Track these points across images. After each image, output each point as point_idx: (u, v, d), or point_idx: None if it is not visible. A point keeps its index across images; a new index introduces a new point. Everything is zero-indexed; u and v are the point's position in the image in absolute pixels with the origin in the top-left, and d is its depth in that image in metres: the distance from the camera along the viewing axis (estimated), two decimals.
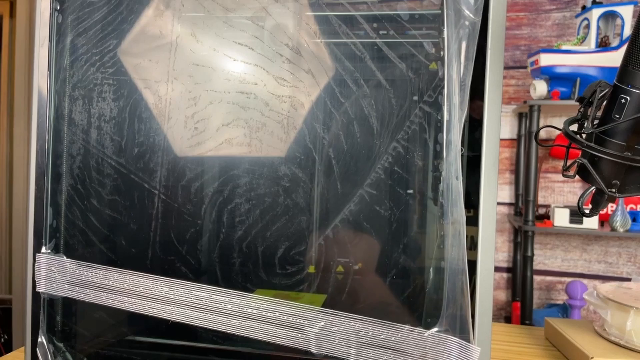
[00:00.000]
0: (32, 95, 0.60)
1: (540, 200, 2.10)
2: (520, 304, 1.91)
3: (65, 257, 0.60)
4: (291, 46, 0.56)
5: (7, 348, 2.34)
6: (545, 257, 2.11)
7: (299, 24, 0.56)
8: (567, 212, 1.82)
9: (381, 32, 0.55)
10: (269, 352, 0.58)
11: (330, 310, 0.52)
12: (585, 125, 0.50)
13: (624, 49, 0.49)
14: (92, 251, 0.62)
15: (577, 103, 0.52)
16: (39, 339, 0.60)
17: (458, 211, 0.48)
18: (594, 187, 0.51)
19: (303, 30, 0.56)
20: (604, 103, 0.49)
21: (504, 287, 2.17)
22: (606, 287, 0.80)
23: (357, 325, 0.52)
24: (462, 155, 0.49)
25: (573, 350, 0.74)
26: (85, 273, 0.59)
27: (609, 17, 1.80)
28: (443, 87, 0.49)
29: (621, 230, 1.78)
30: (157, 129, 0.60)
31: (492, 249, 0.51)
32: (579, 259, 2.08)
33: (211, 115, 0.58)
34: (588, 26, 1.79)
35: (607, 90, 0.49)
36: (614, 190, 0.49)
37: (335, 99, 0.56)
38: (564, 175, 0.51)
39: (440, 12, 0.51)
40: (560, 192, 2.10)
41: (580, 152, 0.50)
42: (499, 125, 0.51)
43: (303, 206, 0.57)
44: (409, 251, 0.55)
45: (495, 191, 0.51)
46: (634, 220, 1.80)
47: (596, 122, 0.50)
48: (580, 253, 2.08)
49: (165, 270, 0.59)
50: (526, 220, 1.82)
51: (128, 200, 0.61)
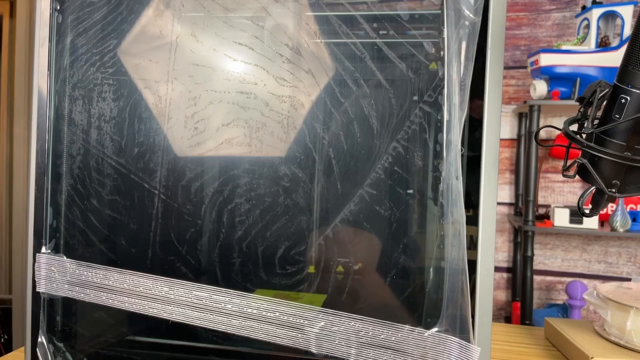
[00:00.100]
0: (32, 95, 0.60)
1: (540, 200, 2.10)
2: (520, 304, 1.91)
3: (65, 257, 0.60)
4: (291, 46, 0.56)
5: (7, 348, 2.34)
6: (545, 257, 2.11)
7: (299, 24, 0.56)
8: (567, 212, 1.82)
9: (381, 32, 0.55)
10: (269, 352, 0.58)
11: (330, 310, 0.52)
12: (585, 125, 0.50)
13: (624, 49, 0.49)
14: (92, 251, 0.62)
15: (577, 103, 0.52)
16: (39, 339, 0.60)
17: (458, 211, 0.48)
18: (594, 187, 0.51)
19: (303, 30, 0.56)
20: (604, 103, 0.49)
21: (504, 287, 2.17)
22: (606, 287, 0.80)
23: (357, 325, 0.52)
24: (462, 155, 0.49)
25: (573, 350, 0.74)
26: (85, 273, 0.59)
27: (609, 17, 1.80)
28: (443, 87, 0.49)
29: (621, 230, 1.78)
30: (157, 129, 0.60)
31: (492, 249, 0.51)
32: (579, 259, 2.08)
33: (211, 115, 0.58)
34: (588, 26, 1.79)
35: (607, 90, 0.49)
36: (614, 190, 0.49)
37: (335, 99, 0.56)
38: (564, 175, 0.51)
39: (440, 12, 0.51)
40: (560, 192, 2.10)
41: (580, 152, 0.50)
42: (499, 125, 0.51)
43: (303, 206, 0.57)
44: (409, 251, 0.55)
45: (495, 191, 0.51)
46: (634, 220, 1.80)
47: (596, 122, 0.50)
48: (580, 253, 2.08)
49: (165, 270, 0.59)
50: (526, 220, 1.82)
51: (128, 200, 0.61)
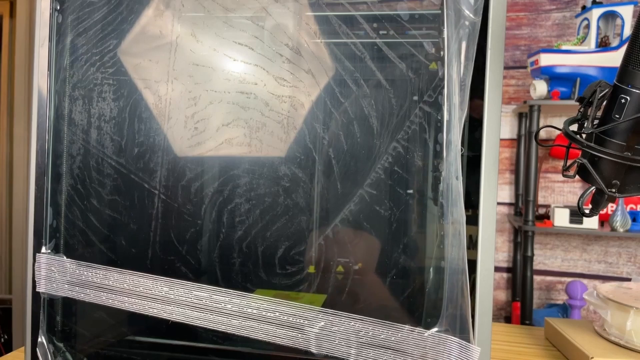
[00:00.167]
0: (32, 95, 0.60)
1: (540, 200, 2.10)
2: (520, 304, 1.91)
3: (65, 257, 0.60)
4: (291, 46, 0.56)
5: (7, 348, 2.34)
6: (545, 257, 2.11)
7: (299, 24, 0.56)
8: (567, 212, 1.82)
9: (381, 32, 0.55)
10: (269, 352, 0.58)
11: (330, 310, 0.52)
12: (585, 125, 0.50)
13: (624, 49, 0.49)
14: (92, 251, 0.62)
15: (577, 103, 0.52)
16: (39, 339, 0.60)
17: (458, 211, 0.48)
18: (594, 187, 0.51)
19: (303, 30, 0.56)
20: (604, 103, 0.49)
21: (504, 287, 2.17)
22: (606, 287, 0.80)
23: (357, 325, 0.52)
24: (462, 155, 0.49)
25: (573, 350, 0.74)
26: (85, 273, 0.59)
27: (609, 17, 1.80)
28: (443, 87, 0.49)
29: (621, 230, 1.78)
30: (157, 129, 0.60)
31: (492, 249, 0.51)
32: (579, 259, 2.08)
33: (211, 115, 0.58)
34: (588, 26, 1.79)
35: (607, 90, 0.49)
36: (614, 190, 0.49)
37: (335, 99, 0.56)
38: (564, 175, 0.51)
39: (440, 12, 0.51)
40: (560, 192, 2.10)
41: (580, 152, 0.50)
42: (499, 125, 0.51)
43: (303, 206, 0.57)
44: (409, 251, 0.55)
45: (495, 191, 0.51)
46: (634, 220, 1.80)
47: (596, 122, 0.50)
48: (580, 253, 2.08)
49: (165, 270, 0.59)
50: (526, 220, 1.82)
51: (128, 200, 0.61)
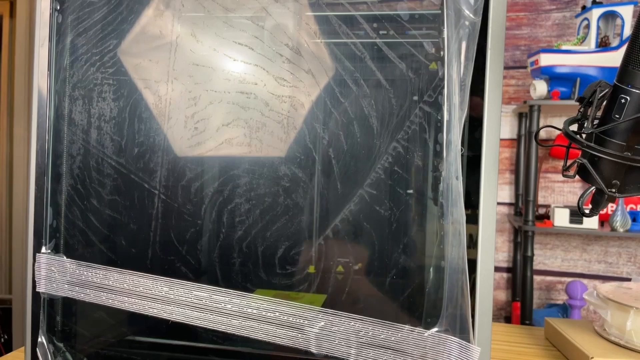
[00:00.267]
0: (32, 95, 0.60)
1: (540, 200, 2.10)
2: (520, 304, 1.91)
3: (65, 257, 0.60)
4: (291, 46, 0.56)
5: (7, 348, 2.34)
6: (545, 257, 2.11)
7: (299, 24, 0.56)
8: (567, 212, 1.82)
9: (381, 32, 0.55)
10: (269, 352, 0.58)
11: (330, 310, 0.52)
12: (585, 125, 0.50)
13: (624, 49, 0.49)
14: (92, 251, 0.62)
15: (577, 103, 0.52)
16: (39, 339, 0.60)
17: (458, 211, 0.48)
18: (594, 187, 0.51)
19: (303, 30, 0.56)
20: (604, 103, 0.49)
21: (504, 287, 2.17)
22: (606, 287, 0.80)
23: (357, 325, 0.52)
24: (462, 155, 0.49)
25: (573, 350, 0.74)
26: (85, 273, 0.59)
27: (609, 17, 1.80)
28: (443, 87, 0.49)
29: (621, 230, 1.78)
30: (157, 129, 0.60)
31: (492, 249, 0.51)
32: (579, 259, 2.08)
33: (211, 115, 0.58)
34: (588, 26, 1.79)
35: (607, 90, 0.49)
36: (614, 190, 0.49)
37: (335, 99, 0.56)
38: (564, 175, 0.51)
39: (440, 12, 0.51)
40: (560, 192, 2.10)
41: (580, 152, 0.50)
42: (499, 125, 0.51)
43: (303, 206, 0.57)
44: (409, 251, 0.55)
45: (495, 191, 0.51)
46: (634, 220, 1.80)
47: (596, 122, 0.50)
48: (580, 253, 2.08)
49: (165, 270, 0.59)
50: (526, 220, 1.82)
51: (128, 200, 0.61)
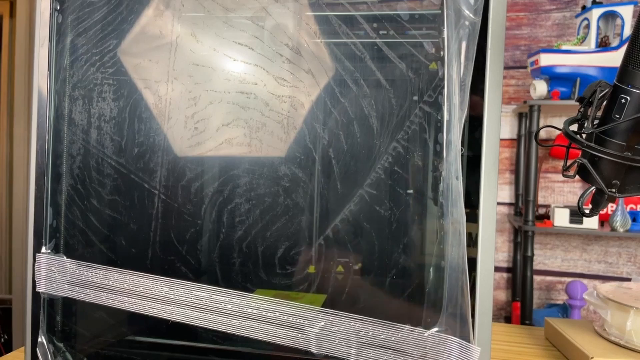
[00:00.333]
0: (32, 95, 0.60)
1: (540, 200, 2.10)
2: (520, 304, 1.91)
3: (65, 257, 0.60)
4: (291, 46, 0.56)
5: (7, 348, 2.34)
6: (545, 257, 2.11)
7: (299, 24, 0.56)
8: (567, 212, 1.82)
9: (381, 32, 0.55)
10: (269, 352, 0.58)
11: (330, 310, 0.52)
12: (585, 125, 0.50)
13: (624, 49, 0.49)
14: (92, 251, 0.62)
15: (577, 103, 0.52)
16: (39, 339, 0.60)
17: (458, 211, 0.48)
18: (594, 187, 0.51)
19: (303, 30, 0.56)
20: (604, 103, 0.49)
21: (504, 287, 2.17)
22: (606, 287, 0.80)
23: (357, 325, 0.52)
24: (462, 155, 0.49)
25: (573, 350, 0.74)
26: (85, 273, 0.59)
27: (609, 17, 1.80)
28: (443, 87, 0.49)
29: (621, 230, 1.78)
30: (157, 129, 0.60)
31: (492, 249, 0.51)
32: (579, 259, 2.08)
33: (211, 115, 0.58)
34: (588, 26, 1.79)
35: (607, 90, 0.49)
36: (614, 190, 0.49)
37: (335, 99, 0.56)
38: (564, 175, 0.51)
39: (440, 12, 0.51)
40: (560, 192, 2.10)
41: (580, 152, 0.50)
42: (499, 125, 0.51)
43: (303, 206, 0.57)
44: (409, 251, 0.55)
45: (495, 191, 0.51)
46: (634, 220, 1.80)
47: (596, 122, 0.50)
48: (580, 253, 2.08)
49: (165, 270, 0.59)
50: (526, 220, 1.82)
51: (128, 200, 0.61)
